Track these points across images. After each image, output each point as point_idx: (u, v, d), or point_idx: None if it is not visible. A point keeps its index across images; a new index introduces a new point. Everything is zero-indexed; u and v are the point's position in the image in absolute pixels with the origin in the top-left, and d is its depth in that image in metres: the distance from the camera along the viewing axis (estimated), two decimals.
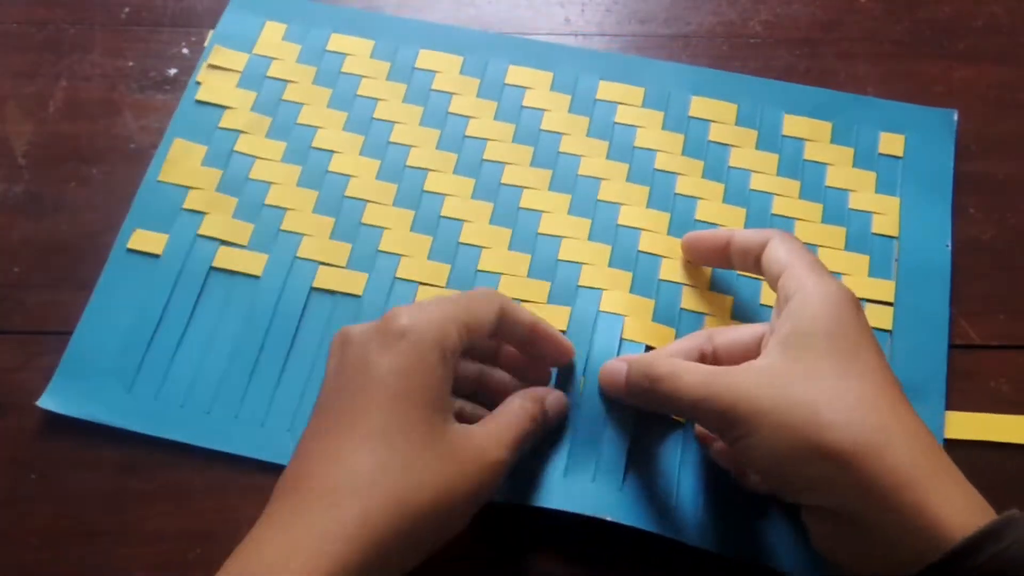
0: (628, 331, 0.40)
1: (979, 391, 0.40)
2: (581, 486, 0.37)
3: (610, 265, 0.42)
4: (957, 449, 0.38)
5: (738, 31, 0.49)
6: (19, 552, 0.37)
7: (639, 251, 0.42)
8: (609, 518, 0.36)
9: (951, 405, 0.39)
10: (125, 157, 0.45)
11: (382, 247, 0.43)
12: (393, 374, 0.31)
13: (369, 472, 0.30)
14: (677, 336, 0.40)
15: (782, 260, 0.35)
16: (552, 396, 0.37)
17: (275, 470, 0.37)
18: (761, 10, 0.50)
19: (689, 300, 0.41)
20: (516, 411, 0.35)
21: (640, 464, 0.37)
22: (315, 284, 0.42)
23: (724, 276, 0.42)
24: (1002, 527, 0.28)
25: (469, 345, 0.34)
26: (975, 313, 0.41)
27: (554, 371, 0.39)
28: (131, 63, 0.48)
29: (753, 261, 0.37)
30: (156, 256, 0.42)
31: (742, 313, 0.41)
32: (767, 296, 0.41)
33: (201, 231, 0.43)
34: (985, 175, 0.45)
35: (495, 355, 0.38)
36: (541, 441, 0.37)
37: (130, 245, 0.42)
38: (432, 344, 0.32)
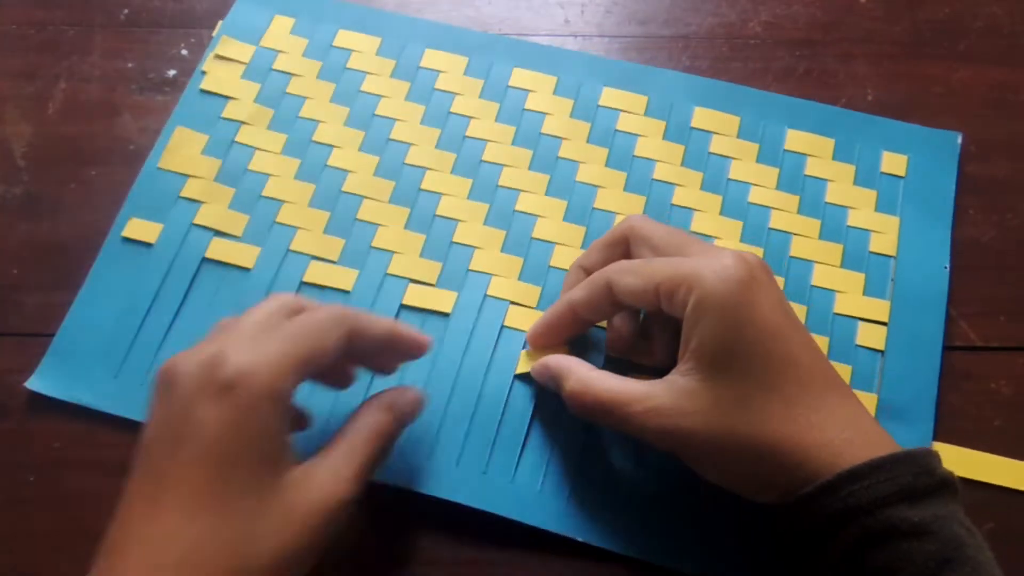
0: None
1: (979, 393, 0.40)
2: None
3: None
4: None
5: (738, 32, 0.49)
6: (18, 554, 0.37)
7: None
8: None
9: (950, 407, 0.39)
10: (124, 158, 0.45)
11: (375, 243, 0.43)
12: (220, 431, 0.28)
13: (195, 546, 0.27)
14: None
15: (642, 281, 0.34)
16: (405, 397, 0.35)
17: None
18: (761, 11, 0.50)
19: None
20: (362, 431, 0.32)
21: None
22: (305, 278, 0.42)
23: None
24: (869, 469, 0.30)
25: (311, 376, 0.31)
26: (975, 314, 0.41)
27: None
28: (130, 64, 0.48)
29: (609, 305, 0.36)
30: (150, 245, 0.42)
31: None
32: None
33: (196, 220, 0.43)
34: (985, 176, 0.45)
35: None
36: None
37: (124, 233, 0.43)
38: (264, 393, 0.29)
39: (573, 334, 0.38)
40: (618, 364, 0.39)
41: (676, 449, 0.33)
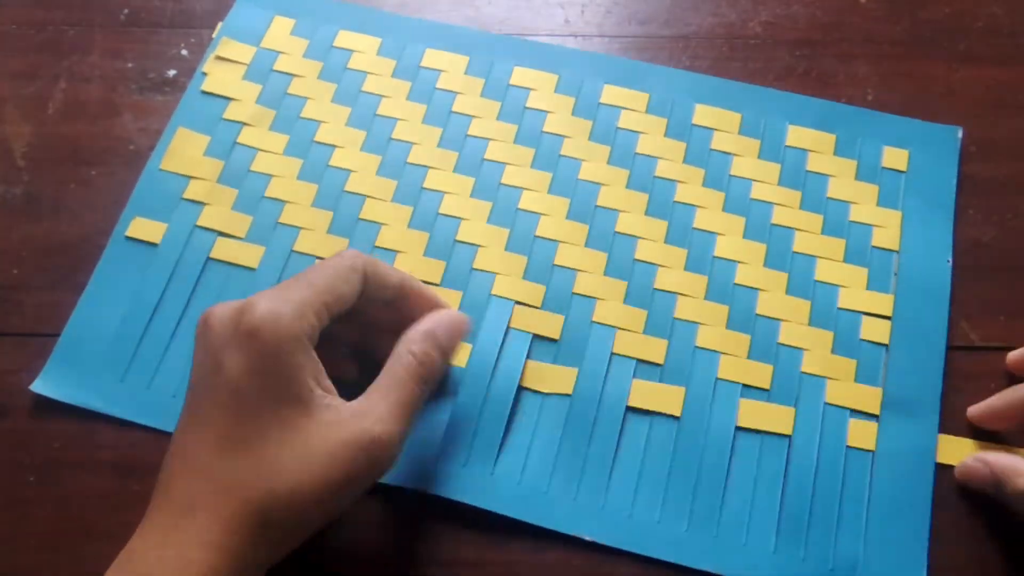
0: (619, 346, 0.40)
1: (979, 393, 0.40)
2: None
3: (605, 273, 0.42)
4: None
5: (738, 32, 0.49)
6: (17, 555, 0.37)
7: (635, 260, 0.42)
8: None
9: (950, 407, 0.39)
10: (124, 158, 0.45)
11: (378, 243, 0.43)
12: (244, 375, 0.31)
13: (223, 479, 0.30)
14: (669, 346, 0.40)
15: None
16: (444, 323, 0.35)
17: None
18: (761, 11, 0.50)
19: (683, 311, 0.41)
20: (399, 367, 0.33)
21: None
22: None
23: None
24: None
25: (333, 320, 0.33)
26: (975, 315, 0.41)
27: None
28: (130, 64, 0.48)
29: None
30: (154, 245, 0.42)
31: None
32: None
33: (200, 222, 0.43)
34: (986, 176, 0.45)
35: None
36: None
37: (128, 233, 0.43)
38: (286, 337, 0.31)
39: None
40: None
41: None
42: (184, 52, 0.49)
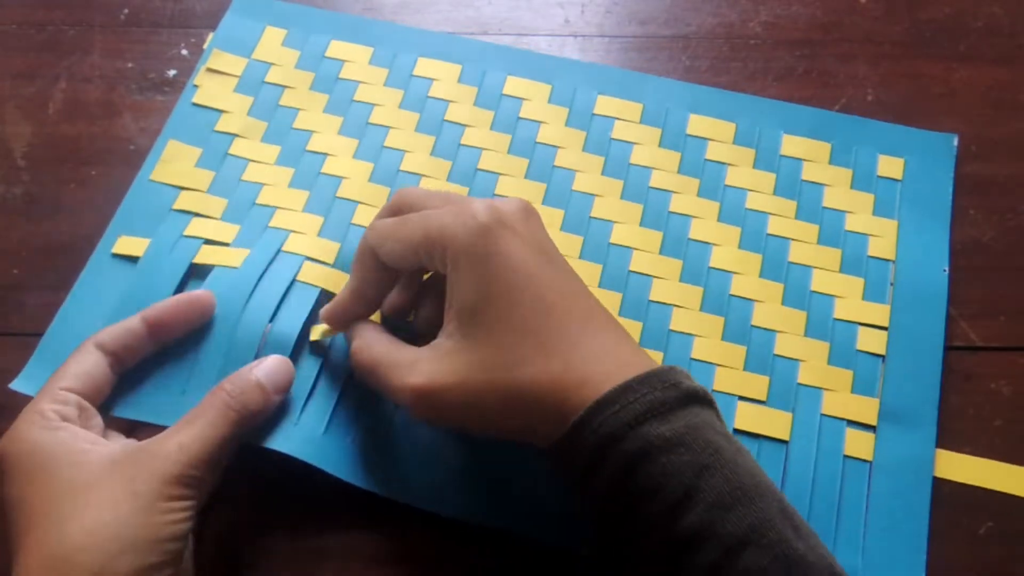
0: None
1: (979, 393, 0.40)
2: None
3: (599, 285, 0.41)
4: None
5: (738, 32, 0.49)
6: None
7: (629, 271, 0.42)
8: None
9: (950, 407, 0.39)
10: (124, 158, 0.46)
11: None
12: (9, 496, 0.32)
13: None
14: (664, 358, 0.40)
15: (401, 247, 0.34)
16: (265, 374, 0.36)
17: (272, 472, 0.37)
18: (761, 11, 0.50)
19: (678, 322, 0.41)
20: (212, 418, 0.34)
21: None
22: (299, 278, 0.40)
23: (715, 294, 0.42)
24: (616, 394, 0.29)
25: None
26: (975, 314, 0.41)
27: None
28: (130, 64, 0.48)
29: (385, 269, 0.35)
30: (138, 257, 0.41)
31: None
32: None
33: (187, 232, 0.42)
34: (985, 176, 0.45)
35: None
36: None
37: (115, 250, 0.42)
38: (35, 452, 0.32)
39: (367, 313, 0.37)
40: None
41: (439, 417, 0.33)
42: (184, 52, 0.49)
